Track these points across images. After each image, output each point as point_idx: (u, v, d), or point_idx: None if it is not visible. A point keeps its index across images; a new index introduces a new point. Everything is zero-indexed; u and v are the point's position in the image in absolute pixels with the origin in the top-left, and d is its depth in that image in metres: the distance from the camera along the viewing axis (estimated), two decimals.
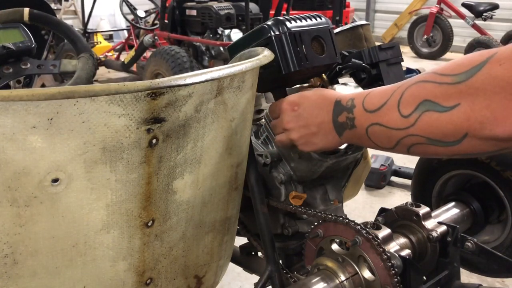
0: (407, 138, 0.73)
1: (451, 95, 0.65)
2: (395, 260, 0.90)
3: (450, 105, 0.65)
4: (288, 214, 1.23)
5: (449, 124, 0.66)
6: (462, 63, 0.65)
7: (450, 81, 0.65)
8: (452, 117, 0.65)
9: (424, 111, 0.69)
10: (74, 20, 8.46)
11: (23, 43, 1.41)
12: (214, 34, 5.13)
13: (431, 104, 0.68)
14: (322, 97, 0.93)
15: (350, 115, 0.84)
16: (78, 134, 0.71)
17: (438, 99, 0.67)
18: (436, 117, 0.67)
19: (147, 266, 0.90)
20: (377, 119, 0.78)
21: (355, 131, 0.84)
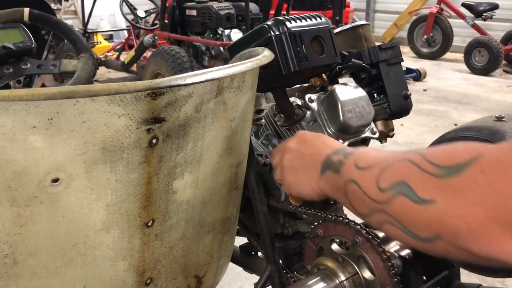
0: (380, 213, 0.67)
1: (429, 188, 0.59)
2: (395, 260, 0.90)
3: (425, 198, 0.59)
4: (288, 214, 1.23)
5: (421, 219, 0.60)
6: (448, 154, 0.59)
7: (432, 171, 0.59)
8: (425, 213, 0.59)
9: (399, 194, 0.62)
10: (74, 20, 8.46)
11: (23, 43, 1.41)
12: (214, 34, 5.14)
13: (408, 190, 0.61)
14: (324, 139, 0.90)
15: (343, 159, 0.78)
16: (78, 134, 0.71)
17: (416, 187, 0.60)
18: (409, 206, 0.61)
19: (147, 266, 0.90)
20: (357, 177, 0.72)
21: (337, 177, 0.78)
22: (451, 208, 0.55)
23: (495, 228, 0.51)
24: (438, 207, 0.57)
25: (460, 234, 0.55)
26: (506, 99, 5.69)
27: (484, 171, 0.53)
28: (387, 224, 0.66)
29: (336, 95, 1.12)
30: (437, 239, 0.58)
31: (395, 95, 1.24)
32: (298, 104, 1.15)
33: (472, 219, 0.53)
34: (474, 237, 0.53)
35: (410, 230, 0.62)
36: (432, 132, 4.53)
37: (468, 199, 0.54)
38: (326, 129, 1.13)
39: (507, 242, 0.50)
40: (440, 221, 0.57)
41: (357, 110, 1.12)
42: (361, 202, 0.71)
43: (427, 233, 0.59)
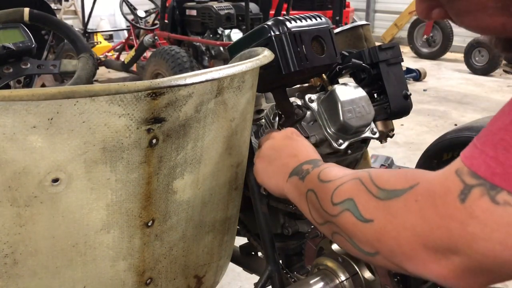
0: (331, 224, 0.72)
1: (370, 208, 0.64)
2: None
3: (366, 217, 0.64)
4: (288, 214, 1.23)
5: (363, 236, 0.65)
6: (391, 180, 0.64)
7: (375, 193, 0.64)
8: (365, 230, 0.64)
9: (346, 209, 0.67)
10: (74, 20, 8.46)
11: (23, 43, 1.41)
12: (214, 34, 5.14)
13: (354, 207, 0.66)
14: (307, 147, 0.94)
15: (310, 169, 0.82)
16: (78, 134, 0.71)
17: (360, 205, 0.66)
18: (354, 222, 0.66)
19: (147, 266, 0.90)
20: (317, 187, 0.77)
21: (300, 183, 0.83)
22: (387, 230, 0.61)
23: (422, 251, 0.57)
24: (377, 227, 0.62)
25: (395, 253, 0.60)
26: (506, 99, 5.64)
27: (417, 200, 0.58)
28: (336, 234, 0.72)
29: (336, 95, 1.12)
30: (377, 255, 0.64)
31: (395, 95, 1.24)
32: (298, 104, 1.15)
33: (404, 241, 0.58)
34: (406, 257, 0.59)
35: (355, 243, 0.67)
36: (432, 132, 4.53)
37: (401, 223, 0.59)
38: (326, 129, 1.13)
39: (432, 264, 0.56)
40: (378, 239, 0.62)
41: (357, 110, 1.12)
42: (317, 211, 0.76)
43: (369, 248, 0.65)
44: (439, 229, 0.54)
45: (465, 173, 0.54)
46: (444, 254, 0.55)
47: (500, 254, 0.51)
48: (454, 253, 0.54)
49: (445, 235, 0.54)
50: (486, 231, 0.51)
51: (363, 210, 0.65)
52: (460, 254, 0.53)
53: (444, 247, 0.54)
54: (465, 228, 0.52)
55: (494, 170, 0.52)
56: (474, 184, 0.53)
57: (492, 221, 0.51)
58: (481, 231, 0.51)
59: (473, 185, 0.53)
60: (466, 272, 0.54)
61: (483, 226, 0.51)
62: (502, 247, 0.50)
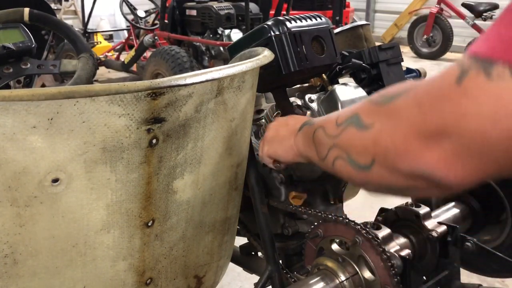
0: (333, 149, 0.74)
1: (371, 112, 0.66)
2: (395, 260, 0.90)
3: (367, 123, 0.65)
4: (288, 214, 1.23)
5: (361, 143, 0.66)
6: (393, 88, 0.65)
7: (378, 100, 0.66)
8: (364, 136, 0.65)
9: (350, 124, 0.69)
10: (74, 20, 8.45)
11: (23, 43, 1.41)
12: (214, 34, 5.13)
13: (357, 119, 0.68)
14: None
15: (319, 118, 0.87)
16: (78, 134, 0.71)
17: (363, 114, 0.67)
18: (354, 132, 0.68)
19: (147, 266, 0.90)
20: (324, 122, 0.80)
21: (310, 128, 0.85)
22: (384, 130, 0.62)
23: (415, 141, 0.57)
24: (375, 130, 0.64)
25: (389, 152, 0.61)
26: None
27: (415, 95, 0.59)
28: (338, 159, 0.73)
29: (336, 95, 1.12)
30: (372, 165, 0.64)
31: None
32: (298, 104, 1.15)
33: (398, 137, 0.59)
34: (398, 153, 0.60)
35: (353, 159, 0.68)
36: None
37: (397, 119, 0.60)
38: None
39: (423, 152, 0.56)
40: (374, 142, 0.63)
41: None
42: (322, 145, 0.78)
43: (365, 158, 0.65)
44: (431, 112, 0.55)
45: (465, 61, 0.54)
46: (436, 140, 0.55)
47: (489, 130, 0.50)
48: (445, 136, 0.54)
49: (438, 117, 0.54)
50: (476, 106, 0.51)
51: (365, 118, 0.66)
52: (451, 135, 0.53)
53: (435, 131, 0.55)
54: (457, 106, 0.52)
55: (493, 44, 0.52)
56: (472, 65, 0.52)
57: (483, 95, 0.51)
58: (472, 107, 0.51)
59: (471, 67, 0.52)
60: (456, 156, 0.54)
61: (474, 102, 0.51)
62: (491, 122, 0.50)
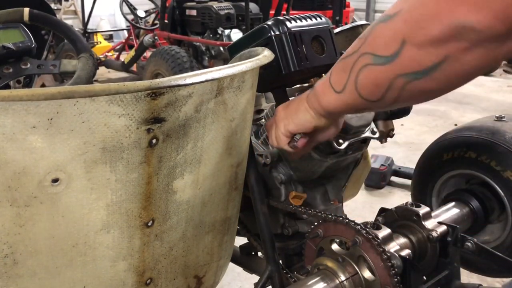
0: (359, 59, 0.75)
1: (395, 5, 0.69)
2: (395, 260, 0.90)
3: (394, 12, 0.68)
4: (288, 214, 1.23)
5: (389, 31, 0.69)
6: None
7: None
8: (392, 23, 0.68)
9: (376, 25, 0.72)
10: (74, 20, 8.45)
11: (23, 43, 1.41)
12: (214, 34, 5.13)
13: (383, 17, 0.71)
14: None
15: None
16: (78, 134, 0.71)
17: (388, 9, 0.70)
18: (381, 27, 0.71)
19: (147, 266, 0.90)
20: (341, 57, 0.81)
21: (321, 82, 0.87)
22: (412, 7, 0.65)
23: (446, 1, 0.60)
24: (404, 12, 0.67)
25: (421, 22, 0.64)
26: (506, 99, 5.68)
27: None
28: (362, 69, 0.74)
29: None
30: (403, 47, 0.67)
31: None
32: None
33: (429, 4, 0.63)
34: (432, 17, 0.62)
35: (379, 55, 0.70)
36: (432, 132, 4.52)
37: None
38: None
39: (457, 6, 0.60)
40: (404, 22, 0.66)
41: None
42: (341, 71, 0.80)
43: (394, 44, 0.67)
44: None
45: None
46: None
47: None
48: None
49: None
50: None
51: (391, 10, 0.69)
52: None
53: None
54: None
55: None
56: None
57: None
58: None
59: None
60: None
61: None
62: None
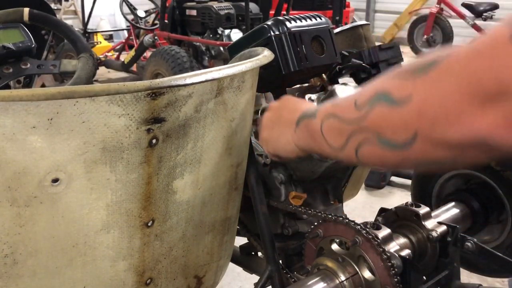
0: (357, 134, 0.68)
1: (405, 86, 0.60)
2: (395, 260, 0.90)
3: (402, 97, 0.60)
4: (288, 214, 1.23)
5: (399, 120, 0.61)
6: (426, 57, 0.61)
7: (408, 74, 0.61)
8: (403, 112, 0.60)
9: (377, 103, 0.64)
10: (74, 20, 8.45)
11: (23, 43, 1.41)
12: (214, 34, 5.13)
13: (385, 96, 0.62)
14: (304, 103, 0.94)
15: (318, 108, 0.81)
16: (78, 134, 0.71)
17: (393, 90, 0.62)
18: (388, 110, 0.62)
19: (147, 266, 0.90)
20: (334, 109, 0.74)
21: (312, 121, 0.80)
22: (428, 99, 0.57)
23: (470, 105, 0.53)
24: (417, 101, 0.58)
25: (438, 121, 0.56)
26: None
27: (459, 60, 0.55)
28: (364, 144, 0.67)
29: (336, 95, 1.12)
30: (414, 141, 0.60)
31: None
32: None
33: (449, 102, 0.55)
34: (451, 120, 0.55)
35: (387, 139, 0.63)
36: None
37: (444, 85, 0.56)
38: None
39: (480, 117, 0.52)
40: (418, 114, 0.58)
41: None
42: (337, 133, 0.73)
43: (405, 134, 0.60)
44: (488, 71, 0.51)
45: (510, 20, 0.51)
46: (494, 101, 0.51)
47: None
48: (504, 95, 0.50)
49: (495, 76, 0.50)
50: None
51: (398, 93, 0.61)
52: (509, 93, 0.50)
53: (492, 92, 0.51)
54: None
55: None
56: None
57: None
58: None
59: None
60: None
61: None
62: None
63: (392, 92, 0.62)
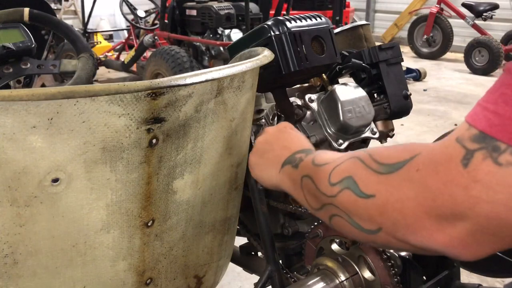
0: (330, 206, 0.70)
1: (370, 183, 0.63)
2: (395, 260, 0.90)
3: (367, 193, 0.63)
4: (288, 214, 1.23)
5: (365, 211, 0.63)
6: (390, 154, 0.63)
7: (375, 168, 0.63)
8: (367, 206, 0.63)
9: (346, 188, 0.66)
10: (74, 20, 8.45)
11: (23, 43, 1.41)
12: (214, 34, 5.13)
13: (353, 184, 0.65)
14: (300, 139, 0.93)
15: (303, 157, 0.82)
16: (78, 134, 0.71)
17: (360, 182, 0.65)
18: (354, 199, 0.65)
19: (147, 266, 0.90)
20: (313, 172, 0.76)
21: (294, 171, 0.82)
22: (390, 203, 0.60)
23: (427, 221, 0.56)
24: (380, 201, 0.61)
25: (399, 226, 0.59)
26: None
27: (418, 169, 0.57)
28: (335, 217, 0.70)
29: (336, 95, 1.12)
30: (379, 231, 0.62)
31: (395, 95, 1.24)
32: (298, 104, 1.15)
33: (408, 212, 0.57)
34: (410, 229, 0.58)
35: (356, 222, 0.66)
36: (432, 132, 4.53)
37: (404, 194, 0.58)
38: (326, 129, 1.13)
39: (436, 232, 0.55)
40: (381, 213, 0.61)
41: (357, 110, 1.12)
42: (314, 196, 0.75)
43: (371, 225, 0.63)
44: (442, 195, 0.54)
45: (466, 138, 0.54)
46: (449, 221, 0.54)
47: (504, 216, 0.50)
48: (458, 219, 0.53)
49: (449, 201, 0.53)
50: (489, 193, 0.51)
51: (364, 186, 0.64)
52: (465, 219, 0.53)
53: (448, 213, 0.54)
54: (468, 192, 0.52)
55: (493, 122, 0.52)
56: (476, 148, 0.52)
57: (495, 183, 0.50)
58: (485, 194, 0.51)
59: (475, 150, 0.52)
60: (471, 237, 0.53)
61: (486, 189, 0.51)
62: (505, 208, 0.50)
63: (359, 183, 0.65)
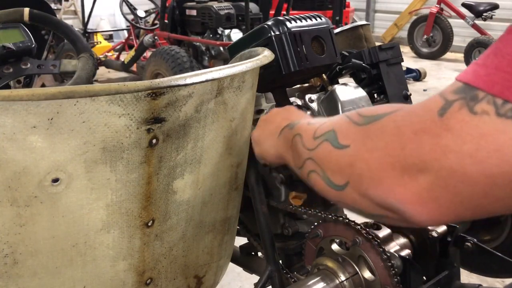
0: (309, 161, 0.70)
1: (348, 134, 0.62)
2: (395, 260, 0.90)
3: (343, 144, 0.62)
4: (288, 214, 1.23)
5: (336, 164, 0.63)
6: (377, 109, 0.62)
7: (356, 120, 0.62)
8: (340, 157, 0.62)
9: (325, 140, 0.66)
10: (74, 20, 8.45)
11: (23, 43, 1.41)
12: (214, 34, 5.13)
13: (333, 136, 0.64)
14: (294, 110, 0.95)
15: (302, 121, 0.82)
16: (78, 134, 0.71)
17: (339, 133, 0.64)
18: (330, 151, 0.64)
19: (147, 266, 0.90)
20: (304, 129, 0.76)
21: (289, 132, 0.82)
22: (360, 153, 0.58)
23: (390, 172, 0.54)
24: (351, 152, 0.60)
25: (363, 178, 0.58)
26: None
27: (395, 121, 0.56)
28: (312, 173, 0.69)
29: (336, 95, 1.12)
30: (347, 186, 0.61)
31: (395, 95, 1.24)
32: (298, 104, 1.15)
33: (374, 163, 0.56)
34: (372, 181, 0.56)
35: (328, 177, 0.65)
36: None
37: (374, 144, 0.57)
38: None
39: (397, 186, 0.53)
40: (350, 165, 0.60)
41: None
42: (298, 153, 0.75)
43: (340, 179, 0.62)
44: (411, 144, 0.52)
45: (449, 91, 0.52)
46: (411, 175, 0.52)
47: (468, 169, 0.48)
48: (421, 171, 0.51)
49: (417, 150, 0.51)
50: (458, 142, 0.48)
51: (341, 137, 0.63)
52: (428, 171, 0.50)
53: (412, 165, 0.52)
54: (438, 141, 0.50)
55: (479, 73, 0.50)
56: (455, 98, 0.50)
57: (466, 132, 0.48)
58: (453, 142, 0.48)
59: (455, 100, 0.50)
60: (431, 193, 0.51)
61: (456, 137, 0.48)
62: (471, 160, 0.47)
63: (338, 135, 0.64)
